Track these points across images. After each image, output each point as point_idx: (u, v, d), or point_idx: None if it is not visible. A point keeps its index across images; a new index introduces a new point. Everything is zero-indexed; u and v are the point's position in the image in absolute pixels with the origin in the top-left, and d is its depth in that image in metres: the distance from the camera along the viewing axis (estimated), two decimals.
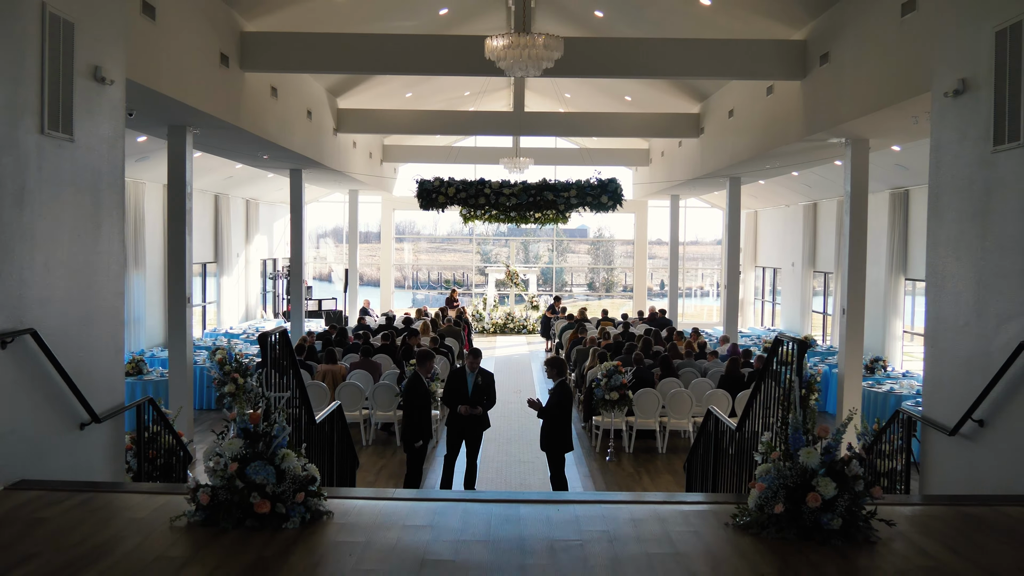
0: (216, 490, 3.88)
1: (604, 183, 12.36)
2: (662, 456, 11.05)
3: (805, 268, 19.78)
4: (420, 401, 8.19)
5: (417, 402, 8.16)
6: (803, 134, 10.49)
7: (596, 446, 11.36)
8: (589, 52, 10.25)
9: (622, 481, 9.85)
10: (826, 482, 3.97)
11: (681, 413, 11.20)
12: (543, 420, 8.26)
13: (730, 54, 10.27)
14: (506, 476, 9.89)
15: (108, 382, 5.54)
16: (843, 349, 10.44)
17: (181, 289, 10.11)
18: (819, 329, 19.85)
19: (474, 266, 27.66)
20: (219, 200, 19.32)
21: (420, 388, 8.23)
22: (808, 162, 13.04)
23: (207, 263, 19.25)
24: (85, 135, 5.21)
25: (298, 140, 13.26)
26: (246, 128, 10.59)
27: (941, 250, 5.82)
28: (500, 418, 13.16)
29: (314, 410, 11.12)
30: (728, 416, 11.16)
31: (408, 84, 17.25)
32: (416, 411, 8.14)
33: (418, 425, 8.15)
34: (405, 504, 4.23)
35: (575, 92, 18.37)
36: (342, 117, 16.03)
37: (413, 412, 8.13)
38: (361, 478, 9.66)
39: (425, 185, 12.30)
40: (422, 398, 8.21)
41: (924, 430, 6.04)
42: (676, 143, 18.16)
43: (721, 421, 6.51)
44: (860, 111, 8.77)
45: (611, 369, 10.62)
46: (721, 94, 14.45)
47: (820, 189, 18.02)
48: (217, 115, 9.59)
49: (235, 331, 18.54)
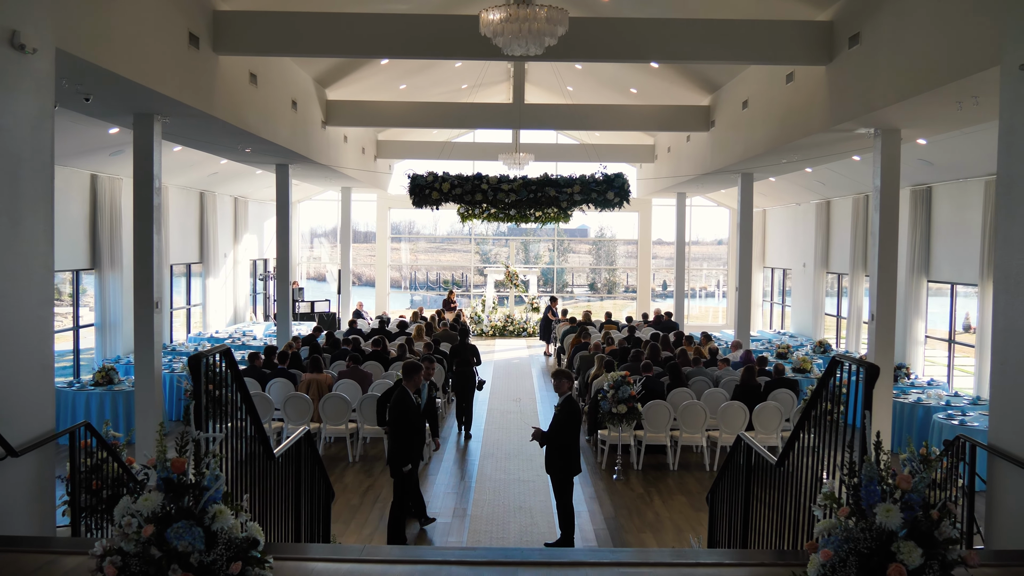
0: (128, 559, 3.01)
1: (610, 178, 11.47)
2: (673, 474, 10.18)
3: (817, 269, 18.91)
4: (408, 419, 7.31)
5: (405, 421, 7.29)
6: (827, 124, 9.61)
7: (602, 462, 10.49)
8: (596, 33, 9.37)
9: (631, 503, 8.98)
10: (910, 547, 3.09)
11: (694, 427, 10.33)
12: (548, 442, 7.40)
13: (749, 37, 9.40)
14: (504, 498, 9.02)
15: (33, 406, 4.68)
16: (871, 358, 9.56)
17: (148, 292, 9.23)
18: (832, 332, 18.98)
19: (473, 266, 26.79)
20: (205, 197, 18.44)
21: (407, 405, 7.35)
22: (828, 156, 12.16)
23: (192, 264, 18.38)
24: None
25: (283, 133, 12.38)
26: (222, 118, 9.70)
27: (1014, 249, 4.94)
28: (498, 430, 12.31)
29: (297, 424, 10.34)
30: (745, 430, 10.41)
31: (402, 75, 16.37)
32: (404, 431, 7.26)
33: (407, 447, 7.28)
34: (377, 569, 3.38)
35: (578, 85, 17.49)
36: (331, 109, 15.15)
37: (400, 432, 7.25)
38: (344, 501, 8.80)
39: (418, 181, 11.40)
40: (410, 416, 7.34)
41: (991, 462, 5.16)
42: (684, 138, 17.29)
43: (757, 452, 5.55)
44: (896, 96, 7.89)
45: (618, 380, 9.75)
46: (734, 84, 13.57)
47: (834, 187, 17.15)
48: (187, 102, 8.71)
49: (221, 335, 17.67)
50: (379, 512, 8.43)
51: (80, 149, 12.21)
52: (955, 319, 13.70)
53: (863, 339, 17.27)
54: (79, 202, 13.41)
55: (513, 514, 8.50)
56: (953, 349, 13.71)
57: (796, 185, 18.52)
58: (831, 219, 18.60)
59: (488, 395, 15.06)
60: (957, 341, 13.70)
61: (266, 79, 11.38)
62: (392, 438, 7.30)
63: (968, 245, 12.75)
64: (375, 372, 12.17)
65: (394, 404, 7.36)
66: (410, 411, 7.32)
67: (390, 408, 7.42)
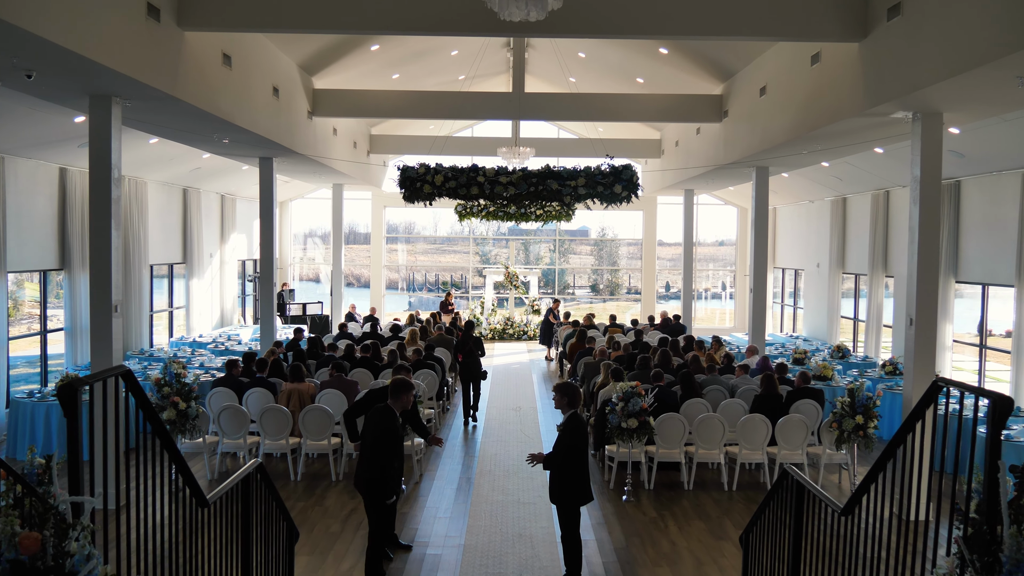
0: None
1: (617, 170, 10.51)
2: (689, 494, 9.23)
3: (833, 270, 17.97)
4: (393, 439, 6.38)
5: (390, 440, 6.36)
6: (860, 108, 8.67)
7: (610, 481, 9.55)
8: (600, 8, 8.43)
9: (644, 530, 8.03)
10: None
11: (711, 443, 9.38)
12: (552, 467, 6.46)
13: (773, 11, 8.46)
14: (502, 523, 8.07)
15: None
16: (911, 367, 8.62)
17: (106, 294, 8.31)
18: (848, 335, 18.05)
19: (472, 267, 25.86)
20: (188, 194, 17.52)
21: (391, 424, 6.40)
22: (855, 145, 11.19)
23: (174, 264, 17.45)
24: None
25: (263, 122, 11.45)
26: (189, 101, 8.77)
27: None
28: (496, 443, 11.38)
29: (275, 439, 9.33)
30: (768, 444, 9.45)
31: (394, 64, 15.44)
32: (386, 454, 6.32)
33: (392, 473, 6.35)
34: None
35: (581, 75, 16.57)
36: (318, 99, 14.21)
37: (383, 455, 6.31)
38: (323, 528, 7.87)
39: (408, 173, 10.45)
40: (394, 436, 6.40)
41: None
42: (693, 131, 16.35)
43: (811, 492, 4.46)
44: (947, 71, 6.96)
45: (629, 391, 8.80)
46: (750, 70, 12.63)
47: (852, 182, 16.21)
48: (147, 82, 7.78)
49: (204, 340, 16.73)
50: (361, 541, 7.49)
51: (45, 140, 11.29)
52: (987, 322, 12.77)
53: (884, 343, 16.33)
54: (46, 197, 12.47)
55: (512, 543, 7.56)
56: (984, 354, 12.77)
57: (810, 181, 17.59)
58: (847, 216, 17.67)
59: (485, 404, 14.13)
60: (989, 346, 12.76)
61: (242, 61, 10.44)
62: (371, 462, 6.34)
63: (1002, 243, 11.82)
64: (363, 380, 11.24)
65: (376, 421, 6.42)
66: (395, 432, 6.39)
67: (371, 425, 6.46)
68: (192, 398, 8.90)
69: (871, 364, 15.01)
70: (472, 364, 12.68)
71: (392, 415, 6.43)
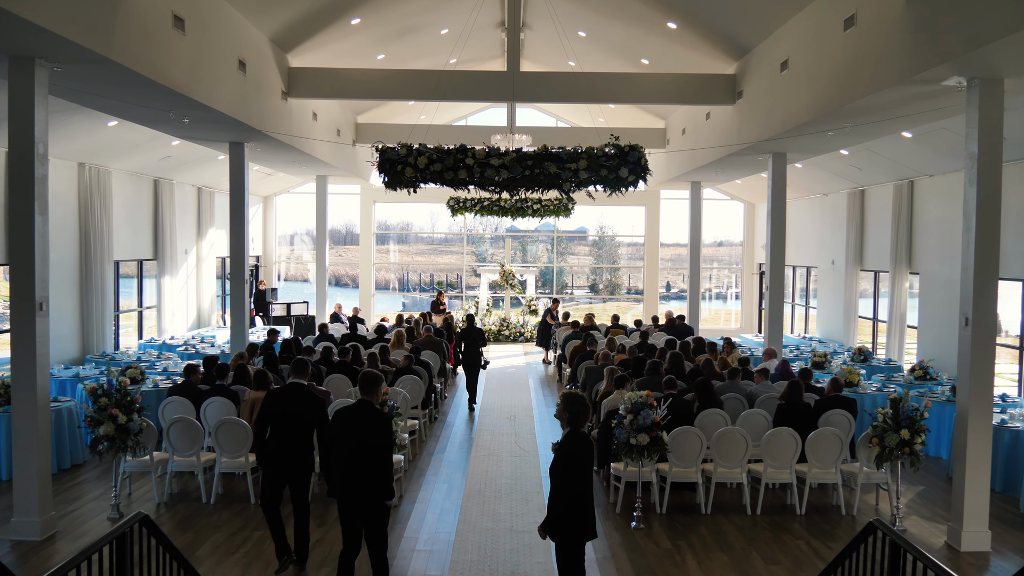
0: None
1: (623, 151, 9.32)
2: (707, 519, 8.04)
3: (850, 267, 16.78)
4: (386, 436, 5.71)
5: (381, 439, 5.68)
6: (907, 74, 7.49)
7: (616, 503, 8.34)
8: None
9: (657, 565, 6.84)
10: None
11: (731, 460, 8.19)
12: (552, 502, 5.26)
13: None
14: (491, 558, 6.87)
15: None
16: (966, 375, 7.42)
17: (27, 290, 7.11)
18: (867, 337, 16.87)
19: (467, 266, 24.68)
20: (160, 186, 16.29)
21: (377, 416, 5.73)
22: (895, 119, 9.85)
23: (144, 260, 16.23)
24: None
25: (225, 98, 10.24)
26: (130, 66, 7.56)
27: None
28: (488, 457, 10.17)
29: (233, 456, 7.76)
30: (796, 462, 8.22)
31: (379, 41, 14.24)
32: (382, 452, 5.66)
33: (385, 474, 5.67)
34: None
35: (582, 57, 15.38)
36: (294, 78, 13.00)
37: (379, 454, 5.63)
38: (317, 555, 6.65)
39: (388, 155, 9.25)
40: (386, 430, 5.72)
41: None
42: (702, 116, 15.17)
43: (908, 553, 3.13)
44: (1017, 23, 5.78)
45: (639, 403, 7.60)
46: (769, 44, 11.45)
47: (873, 172, 15.03)
48: (76, 39, 6.60)
49: (175, 342, 15.51)
50: (330, 569, 6.30)
51: None
52: None
53: (907, 345, 15.16)
54: None
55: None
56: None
57: (825, 172, 16.41)
58: (866, 209, 16.48)
59: (477, 411, 12.96)
60: None
61: (198, 26, 9.23)
62: (361, 462, 5.56)
63: None
64: (338, 388, 10.04)
65: (354, 418, 5.71)
66: (382, 420, 5.71)
67: (347, 424, 5.68)
68: (135, 410, 7.69)
69: (896, 368, 13.83)
70: (473, 354, 13.65)
71: (372, 408, 5.74)
